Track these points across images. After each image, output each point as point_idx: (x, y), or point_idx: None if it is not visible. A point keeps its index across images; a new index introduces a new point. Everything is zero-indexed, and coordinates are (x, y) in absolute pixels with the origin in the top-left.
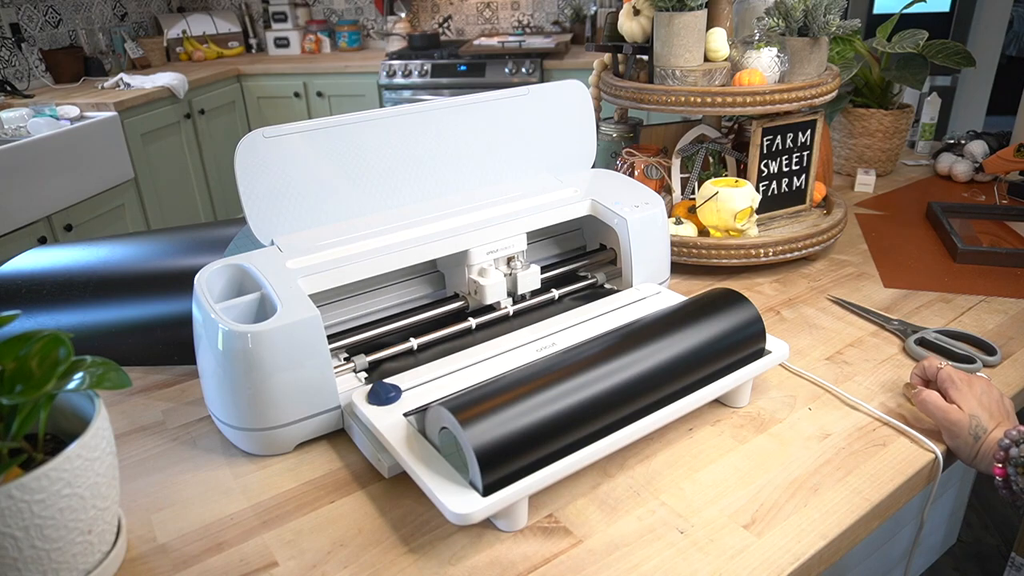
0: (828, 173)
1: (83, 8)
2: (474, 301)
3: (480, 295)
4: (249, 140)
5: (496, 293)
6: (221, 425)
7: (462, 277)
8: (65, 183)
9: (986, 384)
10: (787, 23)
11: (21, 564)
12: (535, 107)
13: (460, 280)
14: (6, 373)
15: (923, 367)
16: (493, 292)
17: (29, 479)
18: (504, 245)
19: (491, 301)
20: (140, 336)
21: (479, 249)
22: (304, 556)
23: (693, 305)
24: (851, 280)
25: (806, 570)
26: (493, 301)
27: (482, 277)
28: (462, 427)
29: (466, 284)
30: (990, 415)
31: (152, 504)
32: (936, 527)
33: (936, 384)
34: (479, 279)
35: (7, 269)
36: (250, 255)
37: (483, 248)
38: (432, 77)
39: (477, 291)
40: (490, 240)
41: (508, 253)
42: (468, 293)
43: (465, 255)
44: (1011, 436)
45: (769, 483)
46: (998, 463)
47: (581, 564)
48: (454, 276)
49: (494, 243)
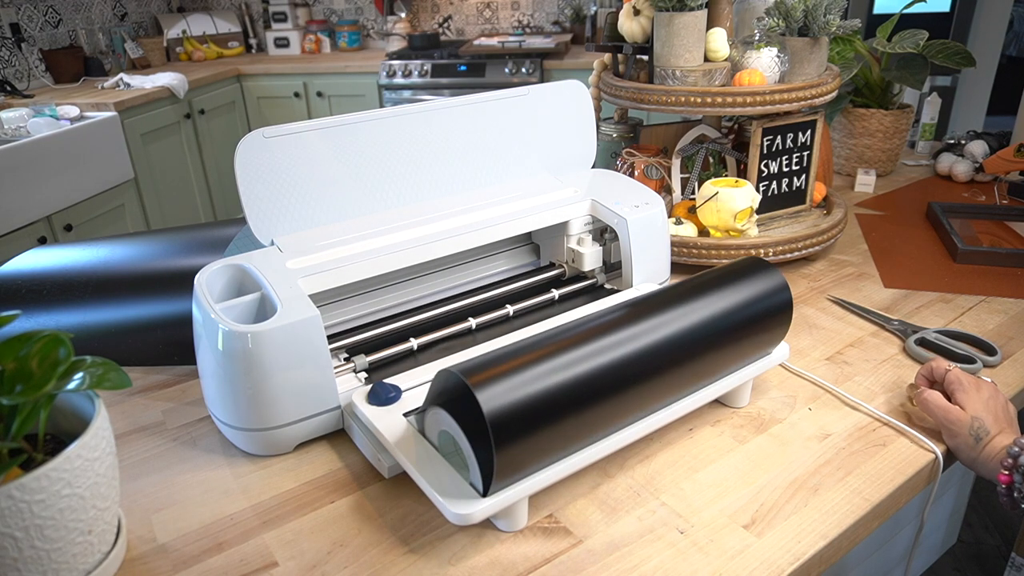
0: (828, 173)
1: (83, 8)
2: (571, 269)
3: (579, 262)
4: (249, 140)
5: (593, 260)
6: (221, 425)
7: (560, 247)
8: (65, 183)
9: (994, 389)
10: (787, 23)
11: (21, 564)
12: (535, 107)
13: (557, 250)
14: (6, 373)
15: (930, 368)
16: (591, 259)
17: (29, 479)
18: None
19: (589, 268)
20: (140, 336)
21: (577, 220)
22: (304, 556)
23: (718, 272)
24: (851, 280)
25: (806, 570)
26: (591, 268)
27: (580, 246)
28: (474, 390)
29: (564, 253)
30: (994, 419)
31: (152, 504)
32: (936, 527)
33: (942, 386)
34: (577, 247)
35: (7, 269)
36: (250, 255)
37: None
38: (432, 77)
39: (575, 259)
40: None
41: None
42: (567, 262)
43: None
44: (1020, 444)
45: (769, 483)
46: (1005, 470)
47: (581, 564)
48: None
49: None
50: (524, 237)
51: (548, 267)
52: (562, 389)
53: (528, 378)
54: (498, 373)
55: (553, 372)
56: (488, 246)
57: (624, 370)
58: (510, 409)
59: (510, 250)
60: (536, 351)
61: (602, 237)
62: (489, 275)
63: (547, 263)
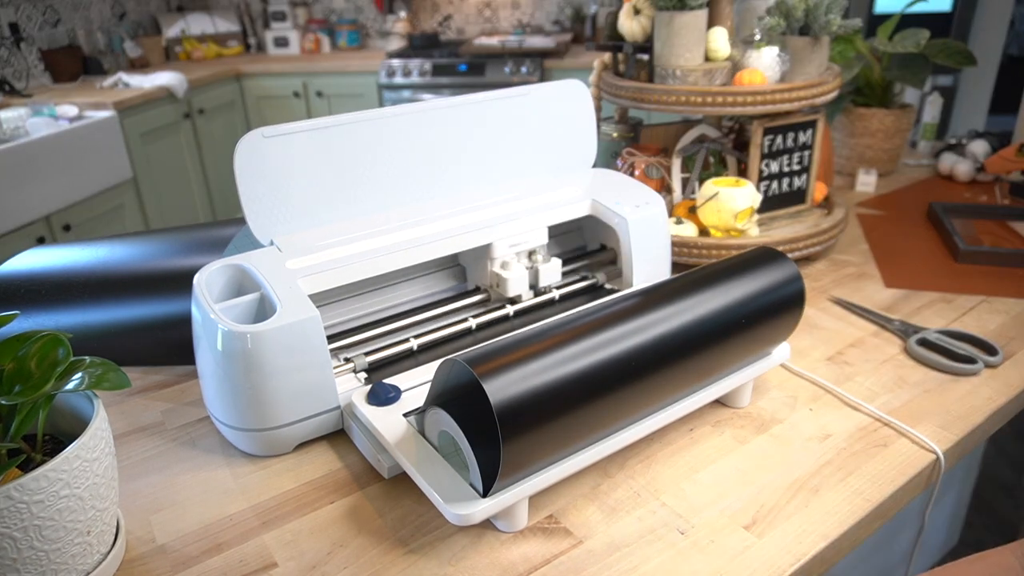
0: (829, 173)
1: (82, 7)
2: (496, 294)
3: (503, 288)
4: (249, 140)
5: (518, 286)
6: (220, 426)
7: (484, 270)
8: (64, 183)
9: None
10: (788, 23)
11: (20, 565)
12: (535, 107)
13: (482, 273)
14: (5, 373)
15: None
16: (516, 285)
17: (28, 480)
18: (526, 239)
19: (513, 293)
20: (139, 336)
21: (502, 242)
22: (304, 557)
23: (731, 261)
24: (852, 280)
25: (807, 571)
26: (515, 294)
27: (505, 270)
28: (480, 380)
29: (488, 277)
30: None
31: (151, 505)
32: (937, 528)
33: None
34: (502, 272)
35: (6, 269)
36: (250, 255)
37: (506, 241)
38: (432, 77)
39: (500, 284)
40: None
41: (529, 247)
42: (491, 286)
43: (488, 249)
44: None
45: (770, 484)
46: None
47: (581, 565)
48: (476, 270)
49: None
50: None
51: (473, 291)
52: (570, 380)
53: (534, 369)
54: (504, 364)
55: (560, 364)
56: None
57: (635, 360)
58: (517, 400)
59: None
60: (541, 342)
61: (530, 259)
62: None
63: (472, 287)
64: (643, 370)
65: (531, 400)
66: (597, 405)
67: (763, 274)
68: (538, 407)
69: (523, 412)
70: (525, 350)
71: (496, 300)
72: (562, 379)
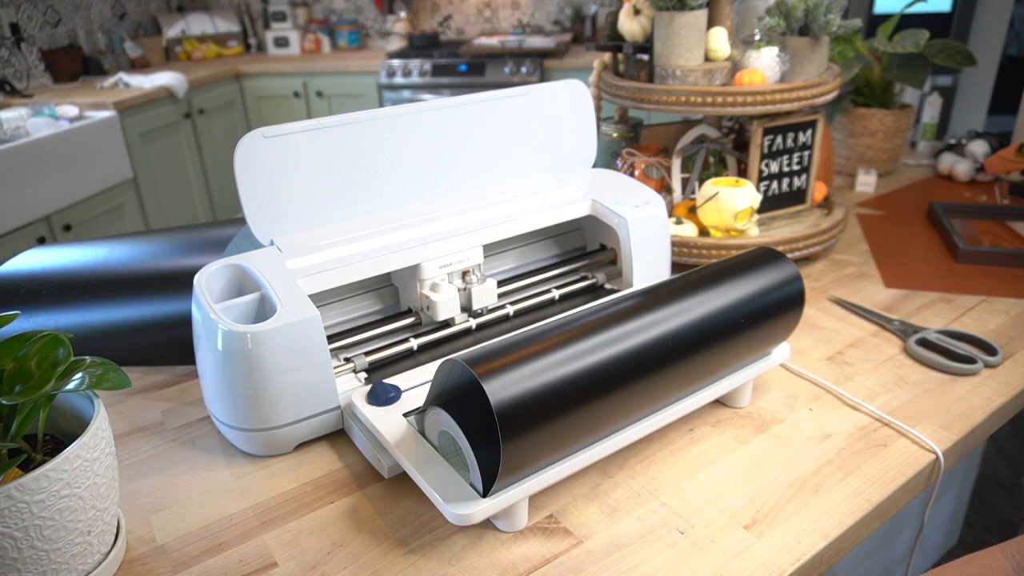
0: (829, 173)
1: (82, 8)
2: (426, 317)
3: (432, 311)
4: (249, 140)
5: (449, 309)
6: (221, 426)
7: (414, 292)
8: (64, 183)
9: None
10: (788, 23)
11: (20, 565)
12: (535, 107)
13: (412, 295)
14: (5, 373)
15: None
16: (445, 308)
17: (28, 480)
18: (459, 259)
19: (443, 318)
20: (139, 336)
21: (431, 263)
22: (304, 557)
23: (730, 261)
24: (852, 280)
25: (807, 571)
26: (445, 317)
27: (434, 292)
28: (480, 380)
29: (418, 299)
30: None
31: (151, 505)
32: (937, 528)
33: None
34: (430, 294)
35: (6, 269)
36: (250, 255)
37: (435, 262)
38: (432, 77)
39: (429, 307)
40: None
41: (463, 267)
42: (420, 308)
43: (417, 269)
44: None
45: (770, 484)
46: None
47: (581, 565)
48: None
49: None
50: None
51: (405, 313)
52: (570, 381)
53: (534, 370)
54: (504, 364)
55: (560, 364)
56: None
57: (635, 360)
58: (517, 400)
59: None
60: (541, 342)
61: (464, 279)
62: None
63: (405, 308)
64: (643, 370)
65: (531, 400)
66: (597, 405)
67: (763, 274)
68: (538, 407)
69: (523, 412)
70: (525, 350)
71: (427, 323)
72: (562, 379)
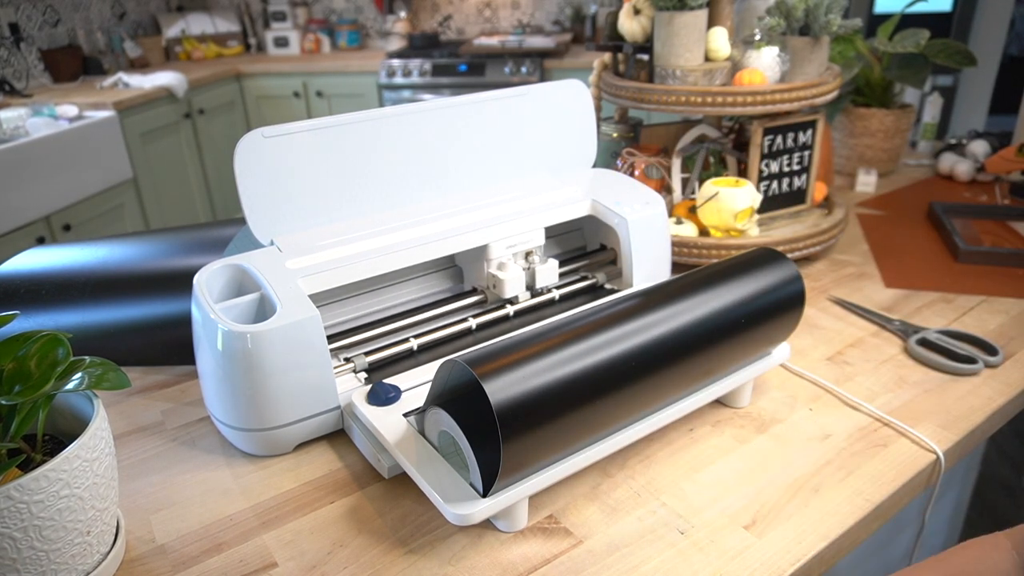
0: (829, 173)
1: (82, 7)
2: (493, 295)
3: (499, 289)
4: (249, 140)
5: (515, 287)
6: (220, 426)
7: (481, 272)
8: (64, 183)
9: None
10: (788, 23)
11: (20, 565)
12: (535, 107)
13: (479, 275)
14: (5, 373)
15: None
16: (512, 286)
17: (28, 480)
18: (523, 240)
19: (510, 295)
20: (139, 336)
21: (499, 243)
22: (304, 557)
23: (731, 262)
24: (852, 280)
25: (807, 571)
26: (512, 295)
27: (501, 271)
28: (481, 381)
29: (485, 279)
30: None
31: (151, 505)
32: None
33: None
34: (498, 273)
35: (6, 269)
36: (250, 255)
37: (503, 242)
38: (432, 77)
39: (496, 285)
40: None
41: (526, 248)
42: (487, 287)
43: (485, 250)
44: None
45: (770, 484)
46: None
47: (581, 565)
48: (472, 271)
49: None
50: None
51: (470, 292)
52: (570, 381)
53: (535, 370)
54: (504, 364)
55: (560, 364)
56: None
57: (635, 360)
58: (517, 400)
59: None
60: (541, 343)
61: (527, 260)
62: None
63: (469, 288)
64: (643, 370)
65: (531, 400)
66: (597, 405)
67: (763, 274)
68: (538, 407)
69: (523, 412)
70: (525, 351)
71: (493, 301)
72: (562, 379)
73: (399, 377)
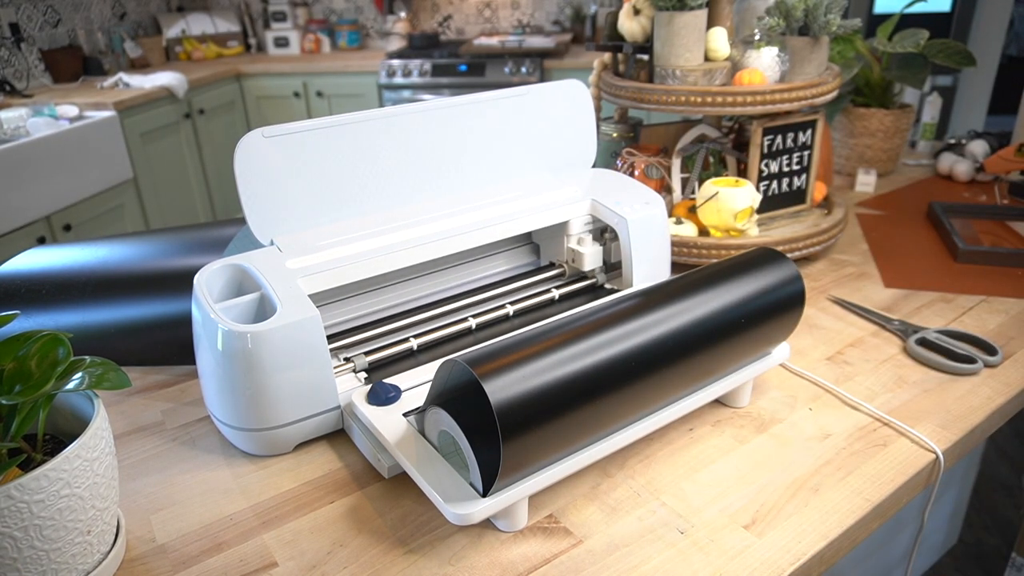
0: (828, 173)
1: (82, 8)
2: (571, 269)
3: (578, 262)
4: (249, 140)
5: (593, 260)
6: (221, 425)
7: (561, 247)
8: (64, 183)
9: None
10: (788, 23)
11: (20, 564)
12: (535, 107)
13: (556, 250)
14: (5, 373)
15: None
16: (591, 259)
17: (28, 479)
18: None
19: (589, 268)
20: (139, 336)
21: (577, 220)
22: (304, 556)
23: (730, 261)
24: (852, 280)
25: (807, 570)
26: (591, 268)
27: (580, 246)
28: (481, 381)
29: (564, 253)
30: None
31: (151, 504)
32: (937, 527)
33: None
34: (577, 247)
35: (6, 269)
36: (250, 255)
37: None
38: (432, 77)
39: (575, 259)
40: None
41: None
42: (567, 261)
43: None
44: None
45: (770, 483)
46: None
47: (581, 564)
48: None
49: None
50: (524, 237)
51: (548, 267)
52: (570, 381)
53: (535, 370)
54: (504, 364)
55: (560, 364)
56: (488, 246)
57: (635, 360)
58: (517, 400)
59: (510, 249)
60: (541, 342)
61: (602, 237)
62: (489, 274)
63: (547, 263)
64: (643, 370)
65: (531, 400)
66: (597, 405)
67: (763, 274)
68: (538, 407)
69: (523, 412)
70: (525, 350)
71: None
72: (562, 379)
73: (399, 377)
